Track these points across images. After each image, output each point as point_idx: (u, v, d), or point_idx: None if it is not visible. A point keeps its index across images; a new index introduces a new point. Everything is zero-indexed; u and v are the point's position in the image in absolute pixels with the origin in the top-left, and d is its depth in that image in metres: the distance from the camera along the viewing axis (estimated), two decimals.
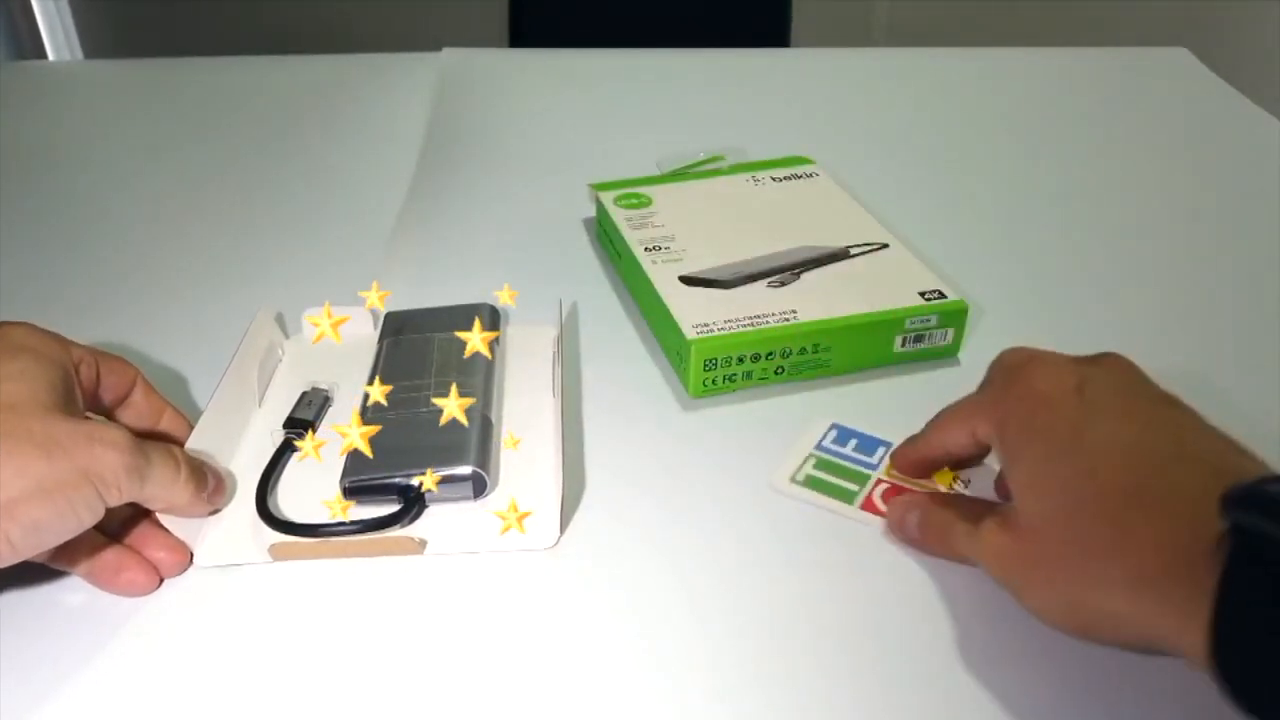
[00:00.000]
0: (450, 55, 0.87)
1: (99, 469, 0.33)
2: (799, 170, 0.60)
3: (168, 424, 0.41)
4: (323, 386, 0.46)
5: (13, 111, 0.79)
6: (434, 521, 0.40)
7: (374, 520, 0.38)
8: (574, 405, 0.46)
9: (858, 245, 0.52)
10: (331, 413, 0.45)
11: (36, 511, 0.31)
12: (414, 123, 0.76)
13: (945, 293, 0.48)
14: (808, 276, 0.50)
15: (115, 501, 0.34)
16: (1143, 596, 0.28)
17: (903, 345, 0.48)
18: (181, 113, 0.79)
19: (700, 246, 0.52)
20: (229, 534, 0.39)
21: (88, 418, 0.35)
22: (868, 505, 0.40)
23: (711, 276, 0.50)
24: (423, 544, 0.39)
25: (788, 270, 0.50)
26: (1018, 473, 0.34)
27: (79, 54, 1.88)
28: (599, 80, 0.84)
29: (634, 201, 0.57)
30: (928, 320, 0.47)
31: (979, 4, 1.80)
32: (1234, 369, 0.49)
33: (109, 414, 0.40)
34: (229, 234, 0.62)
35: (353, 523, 0.38)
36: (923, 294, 0.48)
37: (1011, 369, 0.36)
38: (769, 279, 0.49)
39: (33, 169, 0.70)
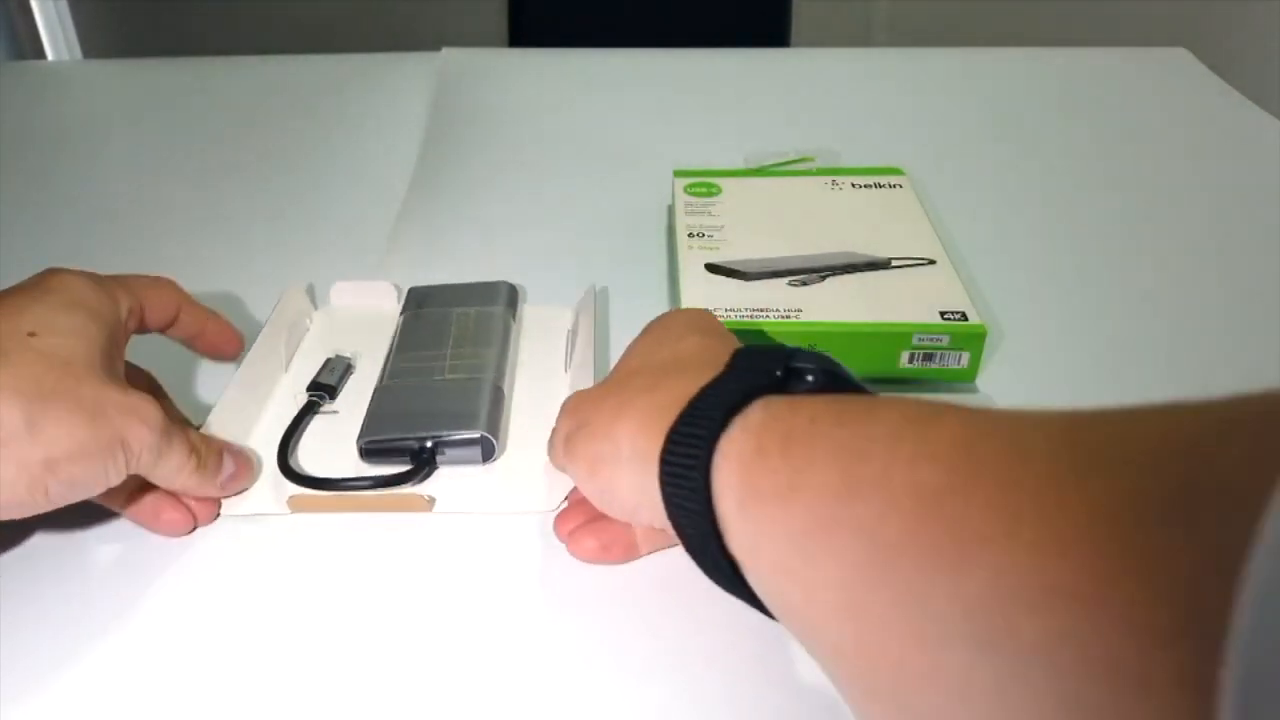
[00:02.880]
0: (450, 55, 0.87)
1: (130, 440, 0.35)
2: (885, 180, 0.59)
3: (212, 334, 0.45)
4: (345, 355, 0.49)
5: (12, 111, 0.79)
6: (443, 483, 0.42)
7: (387, 477, 0.41)
8: (588, 381, 0.47)
9: (902, 258, 0.51)
10: (353, 380, 0.48)
11: (76, 470, 0.34)
12: (413, 122, 0.76)
13: (969, 315, 0.46)
14: (835, 281, 0.49)
15: (134, 471, 0.36)
16: (636, 468, 0.31)
17: (910, 362, 0.47)
18: (180, 113, 0.79)
19: (744, 239, 0.53)
20: (253, 487, 0.42)
21: (125, 384, 0.37)
22: None
23: (735, 267, 0.50)
24: (431, 501, 0.41)
25: (814, 271, 0.50)
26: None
27: (78, 54, 1.88)
28: (599, 80, 0.84)
29: (703, 190, 0.58)
30: (938, 339, 0.46)
31: (979, 4, 1.79)
32: (1232, 370, 0.49)
33: (163, 331, 0.43)
34: (228, 234, 0.62)
35: (366, 479, 0.41)
36: (944, 313, 0.46)
37: None
38: (791, 277, 0.49)
39: (32, 169, 0.70)
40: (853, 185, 0.59)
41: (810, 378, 0.31)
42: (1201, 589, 0.15)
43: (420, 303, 0.51)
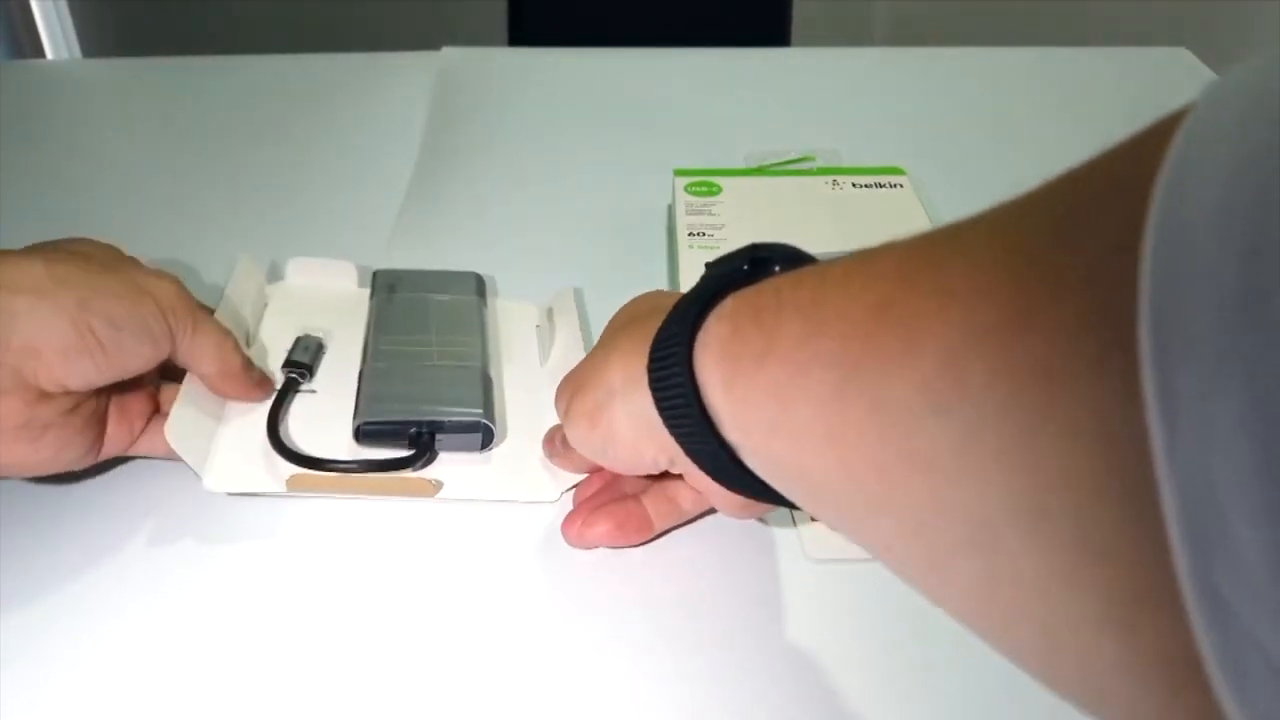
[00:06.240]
0: (450, 54, 0.86)
1: (157, 292, 0.37)
2: (885, 180, 0.59)
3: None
4: (315, 334, 0.47)
5: (11, 111, 0.78)
6: (443, 469, 0.42)
7: (388, 460, 0.40)
8: None
9: None
10: (326, 360, 0.47)
11: (111, 307, 0.35)
12: (413, 122, 0.76)
13: None
14: None
15: (176, 330, 0.38)
16: (630, 397, 0.33)
17: None
18: (180, 112, 0.79)
19: (744, 238, 0.53)
20: (243, 462, 0.40)
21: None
22: None
23: None
24: (438, 486, 0.41)
25: None
26: None
27: (77, 53, 1.88)
28: (599, 80, 0.83)
29: (704, 189, 0.58)
30: None
31: (979, 4, 1.79)
32: None
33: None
34: (228, 232, 0.62)
35: (367, 461, 0.40)
36: None
37: None
38: None
39: (31, 168, 0.70)
40: (853, 185, 0.59)
41: (777, 266, 0.32)
42: (1107, 269, 0.17)
43: (392, 287, 0.50)
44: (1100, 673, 0.18)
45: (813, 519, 0.40)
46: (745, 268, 0.32)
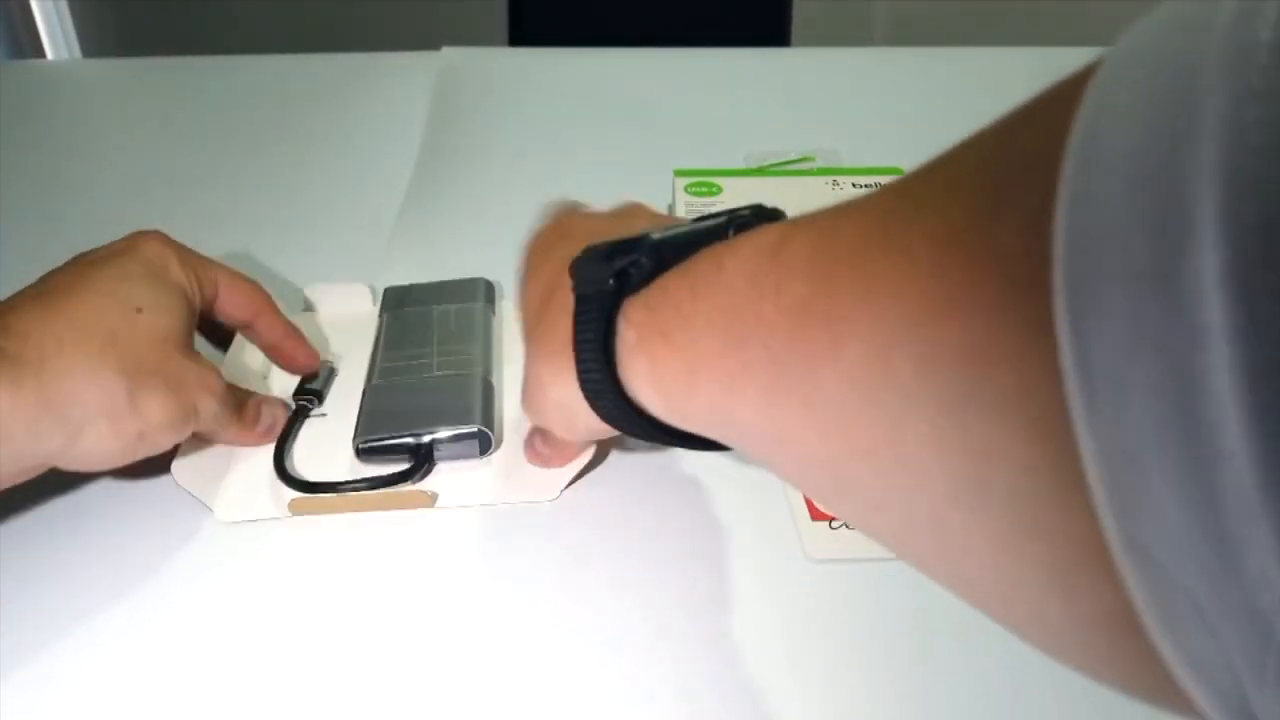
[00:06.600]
0: (449, 54, 0.86)
1: (200, 409, 0.40)
2: (886, 180, 0.59)
3: (288, 350, 0.47)
4: (327, 358, 0.49)
5: (11, 111, 0.78)
6: (443, 478, 0.42)
7: (387, 477, 0.41)
8: None
9: None
10: (338, 382, 0.48)
11: (160, 438, 0.39)
12: (413, 122, 0.76)
13: None
14: None
15: (195, 430, 0.41)
16: (559, 379, 0.34)
17: None
18: (180, 112, 0.79)
19: None
20: (250, 492, 0.42)
21: (198, 355, 0.41)
22: None
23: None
24: (434, 497, 0.41)
25: None
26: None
27: (77, 53, 1.88)
28: (599, 80, 0.83)
29: (703, 190, 0.58)
30: None
31: (979, 4, 1.79)
32: None
33: (238, 330, 0.46)
34: (228, 232, 0.62)
35: (367, 479, 0.41)
36: None
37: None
38: None
39: (31, 168, 0.70)
40: (853, 185, 0.59)
41: (642, 270, 0.32)
42: (1024, 250, 0.17)
43: (399, 302, 0.51)
44: (1052, 628, 0.20)
45: (813, 519, 0.40)
46: (612, 282, 0.32)
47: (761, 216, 0.31)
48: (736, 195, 0.58)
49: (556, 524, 0.40)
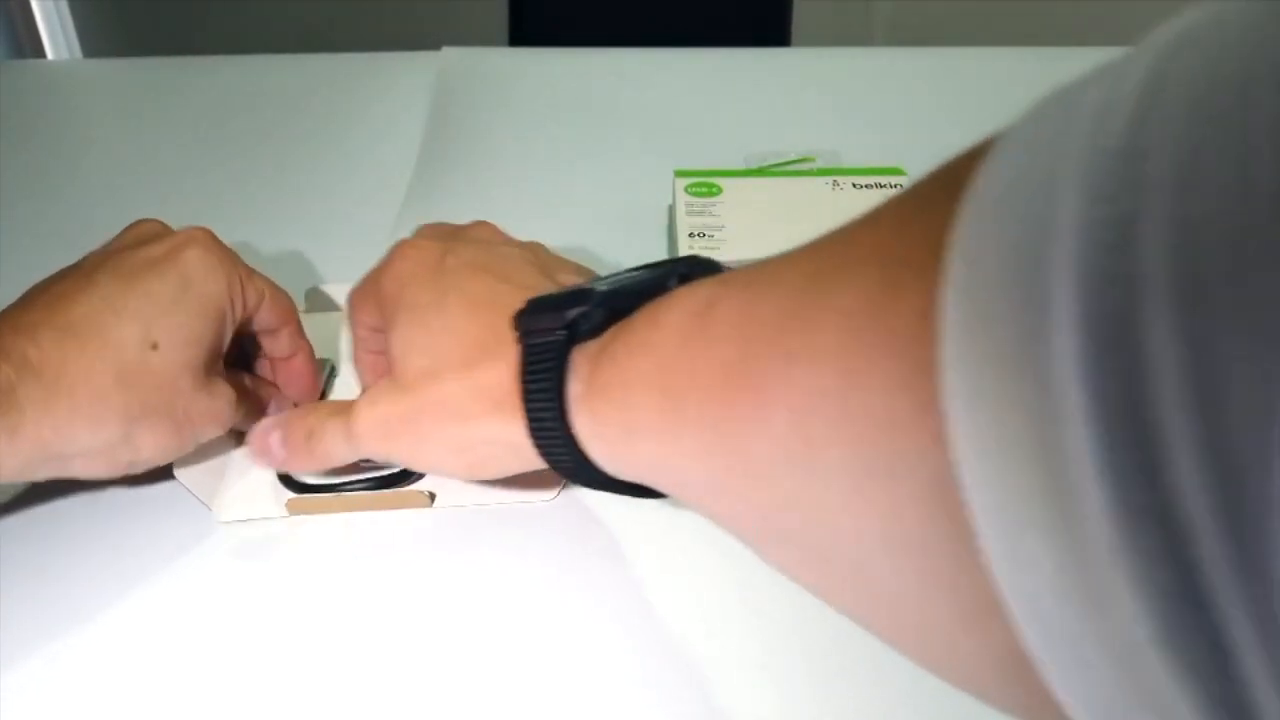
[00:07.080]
0: (449, 54, 0.86)
1: (202, 436, 0.39)
2: (886, 180, 0.60)
3: (298, 364, 0.45)
4: (328, 358, 0.49)
5: (11, 111, 0.78)
6: (440, 478, 0.42)
7: (385, 477, 0.41)
8: None
9: None
10: (338, 382, 0.48)
11: (155, 463, 0.38)
12: (413, 122, 0.76)
13: None
14: None
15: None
16: (494, 417, 0.33)
17: None
18: (180, 112, 0.79)
19: (745, 239, 0.53)
20: (249, 491, 0.42)
21: (215, 379, 0.40)
22: None
23: (736, 267, 0.50)
24: (431, 497, 0.41)
25: None
26: (393, 344, 0.37)
27: (78, 53, 1.88)
28: (599, 80, 0.83)
29: (704, 190, 0.58)
30: None
31: (979, 4, 1.79)
32: None
33: (256, 334, 0.45)
34: (227, 232, 0.62)
35: (365, 479, 0.41)
36: None
37: (385, 258, 0.40)
38: None
39: (31, 168, 0.70)
40: (853, 185, 0.59)
41: (591, 321, 0.32)
42: (918, 333, 0.19)
43: None
44: (969, 669, 0.22)
45: None
46: (563, 332, 0.32)
47: (696, 268, 0.33)
48: (736, 195, 0.58)
49: (555, 523, 0.40)
